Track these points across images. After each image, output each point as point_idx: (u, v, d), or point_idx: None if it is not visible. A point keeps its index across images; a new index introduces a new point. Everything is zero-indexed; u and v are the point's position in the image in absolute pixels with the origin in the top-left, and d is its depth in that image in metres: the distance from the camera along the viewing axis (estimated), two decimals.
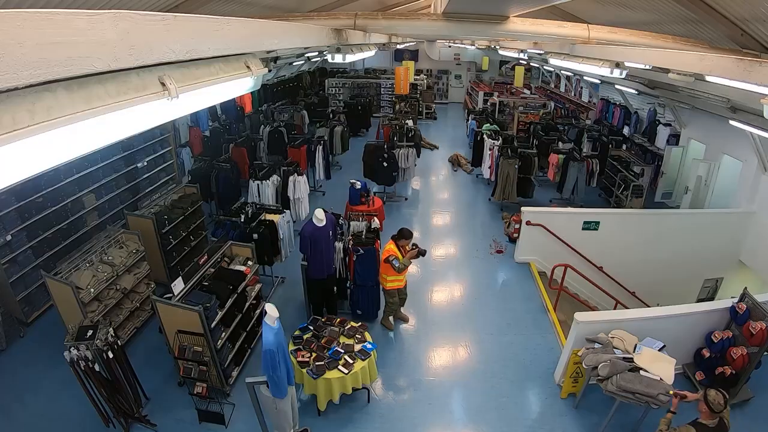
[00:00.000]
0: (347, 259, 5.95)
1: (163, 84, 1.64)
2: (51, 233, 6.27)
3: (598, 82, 13.82)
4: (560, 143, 11.05)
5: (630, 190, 9.55)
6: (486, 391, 5.18)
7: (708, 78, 3.99)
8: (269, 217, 6.69)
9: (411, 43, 19.00)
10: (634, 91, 10.83)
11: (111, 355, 4.20)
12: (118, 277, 5.53)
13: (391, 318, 6.13)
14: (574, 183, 9.71)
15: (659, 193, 10.80)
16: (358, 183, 8.17)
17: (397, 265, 5.40)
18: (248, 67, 2.39)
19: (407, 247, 5.62)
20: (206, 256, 5.33)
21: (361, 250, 5.77)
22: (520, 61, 17.01)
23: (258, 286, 5.70)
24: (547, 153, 10.54)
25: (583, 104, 16.49)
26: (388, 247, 5.54)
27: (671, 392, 4.08)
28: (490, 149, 10.53)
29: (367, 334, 5.11)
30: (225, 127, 11.62)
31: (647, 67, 4.61)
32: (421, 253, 5.60)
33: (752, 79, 2.92)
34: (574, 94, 17.65)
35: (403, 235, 5.60)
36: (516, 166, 9.46)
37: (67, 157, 1.40)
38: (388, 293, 5.83)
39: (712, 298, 8.58)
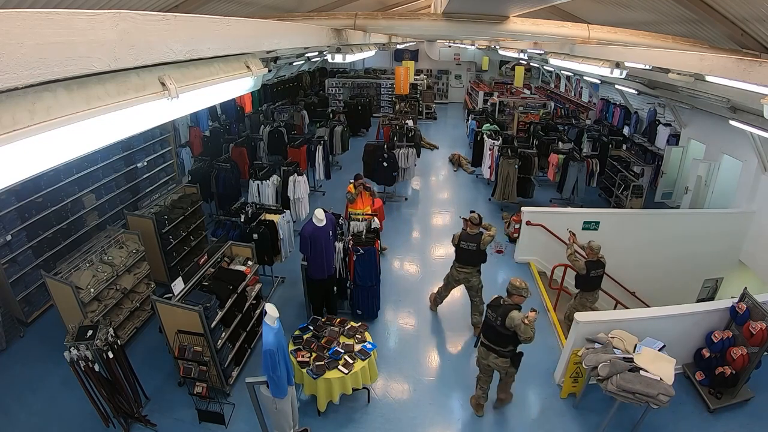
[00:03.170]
0: (347, 259, 5.95)
1: (163, 84, 1.64)
2: (51, 233, 6.27)
3: (598, 82, 13.81)
4: (560, 143, 11.04)
5: (630, 190, 9.53)
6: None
7: (708, 78, 4.00)
8: (269, 217, 6.69)
9: (411, 43, 19.01)
10: (634, 91, 10.82)
11: (111, 355, 4.20)
12: (118, 277, 5.54)
13: None
14: (574, 183, 9.72)
15: (659, 193, 10.79)
16: None
17: (348, 197, 7.32)
18: (248, 67, 2.39)
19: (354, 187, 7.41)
20: (206, 256, 5.33)
21: (361, 250, 5.78)
22: (520, 61, 17.01)
23: (258, 286, 5.70)
24: (547, 153, 10.54)
25: (583, 104, 16.48)
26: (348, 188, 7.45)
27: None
28: (490, 149, 10.53)
29: (367, 334, 5.11)
30: (225, 127, 11.62)
31: (647, 67, 4.61)
32: (367, 188, 7.50)
33: (752, 79, 2.92)
34: (574, 94, 17.64)
35: (356, 178, 7.52)
36: (516, 166, 9.46)
37: (67, 157, 1.40)
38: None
39: (712, 298, 8.58)
